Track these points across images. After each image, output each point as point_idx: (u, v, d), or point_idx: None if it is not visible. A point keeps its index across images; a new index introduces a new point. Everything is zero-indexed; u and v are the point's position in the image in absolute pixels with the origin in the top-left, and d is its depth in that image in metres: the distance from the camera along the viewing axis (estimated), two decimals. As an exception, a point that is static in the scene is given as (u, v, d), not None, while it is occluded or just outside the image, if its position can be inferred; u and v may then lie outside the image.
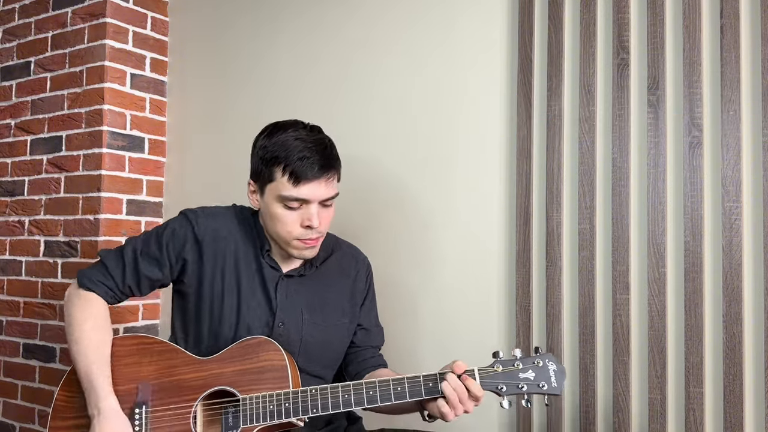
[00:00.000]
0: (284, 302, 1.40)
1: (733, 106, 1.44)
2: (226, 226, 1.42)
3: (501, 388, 1.20)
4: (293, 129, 1.34)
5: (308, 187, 1.29)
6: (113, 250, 1.41)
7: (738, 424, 1.39)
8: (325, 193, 1.32)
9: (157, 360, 1.34)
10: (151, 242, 1.39)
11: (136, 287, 1.40)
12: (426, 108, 1.85)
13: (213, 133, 2.28)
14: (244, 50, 2.23)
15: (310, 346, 1.40)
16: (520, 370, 1.21)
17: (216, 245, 1.39)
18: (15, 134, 2.44)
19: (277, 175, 1.30)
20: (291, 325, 1.39)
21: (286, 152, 1.29)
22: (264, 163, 1.32)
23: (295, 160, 1.28)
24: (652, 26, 1.54)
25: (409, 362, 1.80)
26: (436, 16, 1.85)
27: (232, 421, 1.27)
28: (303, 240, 1.33)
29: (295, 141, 1.31)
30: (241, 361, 1.30)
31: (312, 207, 1.31)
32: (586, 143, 1.60)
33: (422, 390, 1.21)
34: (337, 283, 1.47)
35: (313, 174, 1.29)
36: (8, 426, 2.34)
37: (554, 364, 1.21)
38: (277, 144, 1.31)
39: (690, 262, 1.47)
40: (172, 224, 1.42)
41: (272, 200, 1.32)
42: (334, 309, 1.45)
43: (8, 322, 2.39)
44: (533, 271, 1.66)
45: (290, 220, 1.31)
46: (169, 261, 1.39)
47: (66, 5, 2.34)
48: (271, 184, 1.31)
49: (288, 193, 1.29)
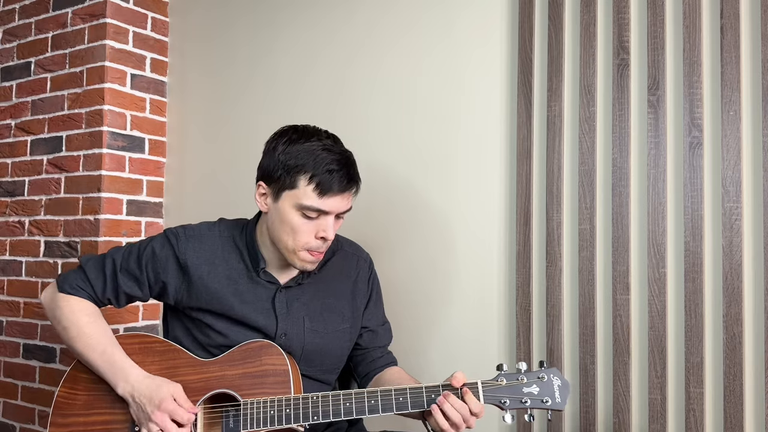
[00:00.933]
0: (285, 314, 1.37)
1: (733, 106, 1.44)
2: (210, 248, 1.38)
3: (504, 402, 1.19)
4: (317, 138, 1.31)
5: (333, 200, 1.27)
6: (94, 259, 1.39)
7: (738, 424, 1.39)
8: (345, 207, 1.31)
9: (159, 360, 1.33)
10: (131, 260, 1.38)
11: (115, 300, 1.40)
12: (426, 108, 1.85)
13: (213, 134, 2.28)
14: (244, 50, 2.23)
15: (312, 353, 1.39)
16: (524, 384, 1.19)
17: (200, 269, 1.36)
18: (15, 134, 2.44)
19: (300, 184, 1.27)
20: (293, 335, 1.37)
21: (314, 162, 1.26)
22: (285, 169, 1.28)
23: (323, 172, 1.26)
24: (652, 26, 1.54)
25: (408, 362, 1.80)
26: (436, 16, 1.85)
27: (233, 424, 1.27)
28: (312, 251, 1.31)
29: (323, 151, 1.28)
30: (242, 365, 1.30)
31: (329, 219, 1.29)
32: (586, 143, 1.61)
33: (424, 401, 1.20)
34: (337, 287, 1.45)
35: (339, 188, 1.27)
36: (8, 426, 2.34)
37: (559, 379, 1.19)
38: (303, 152, 1.28)
39: (690, 263, 1.47)
40: (153, 243, 1.39)
41: (289, 207, 1.29)
42: (335, 315, 1.43)
43: (8, 322, 2.39)
44: (533, 272, 1.66)
45: (305, 229, 1.29)
46: (148, 281, 1.38)
47: (66, 5, 2.34)
48: (292, 191, 1.28)
49: (311, 203, 1.26)
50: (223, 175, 2.24)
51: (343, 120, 1.98)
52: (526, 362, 1.63)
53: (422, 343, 1.81)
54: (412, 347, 1.81)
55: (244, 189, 2.18)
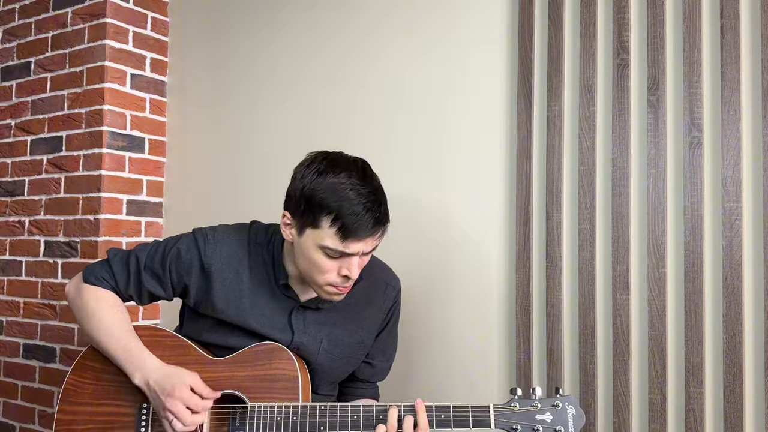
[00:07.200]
0: (301, 330, 1.35)
1: (733, 106, 1.44)
2: (237, 255, 1.34)
3: (516, 428, 1.16)
4: (347, 174, 1.20)
5: (356, 245, 1.20)
6: (120, 253, 1.39)
7: (738, 424, 1.39)
8: (370, 248, 1.24)
9: (169, 355, 1.32)
10: (156, 259, 1.36)
11: (137, 297, 1.39)
12: (426, 108, 1.85)
13: (213, 133, 2.28)
14: (244, 50, 2.23)
15: (321, 371, 1.37)
16: (537, 411, 1.16)
17: (223, 276, 1.33)
18: (15, 134, 2.44)
19: (323, 224, 1.19)
20: (307, 348, 1.35)
21: (338, 202, 1.17)
22: (309, 205, 1.20)
23: (348, 215, 1.17)
24: (652, 26, 1.54)
25: (408, 362, 1.80)
26: (436, 15, 1.85)
27: (240, 426, 1.26)
28: (337, 287, 1.25)
29: (350, 191, 1.18)
30: (252, 367, 1.28)
31: (353, 259, 1.22)
32: (586, 143, 1.60)
33: (436, 419, 1.18)
34: (360, 314, 1.40)
35: (364, 233, 1.19)
36: (8, 426, 2.34)
37: (573, 408, 1.17)
38: (329, 189, 1.19)
39: (690, 262, 1.47)
40: (179, 244, 1.36)
41: (311, 245, 1.22)
42: (354, 342, 1.39)
43: (8, 322, 2.39)
44: (533, 272, 1.66)
45: (328, 268, 1.22)
46: (171, 282, 1.37)
47: (66, 5, 2.34)
48: (315, 231, 1.20)
49: (333, 246, 1.19)
50: (223, 175, 2.24)
51: (342, 119, 1.98)
52: (527, 362, 1.64)
53: (422, 343, 1.81)
54: (412, 347, 1.81)
55: (244, 189, 2.18)
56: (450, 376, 1.75)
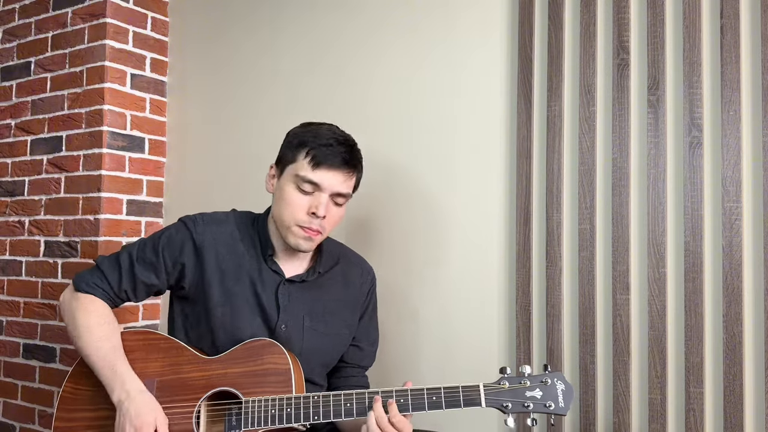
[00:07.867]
0: (287, 306, 1.39)
1: (733, 106, 1.44)
2: (226, 231, 1.42)
3: (506, 405, 1.18)
4: (327, 126, 1.39)
5: (326, 175, 1.31)
6: (109, 256, 1.42)
7: (738, 424, 1.39)
8: (339, 187, 1.33)
9: (163, 357, 1.34)
10: (147, 248, 1.39)
11: (132, 292, 1.40)
12: (426, 108, 1.85)
13: (213, 134, 2.28)
14: (244, 50, 2.23)
15: (310, 354, 1.39)
16: (527, 388, 1.18)
17: (216, 250, 1.39)
18: (15, 134, 2.44)
19: (299, 157, 1.33)
20: (293, 328, 1.39)
21: (314, 138, 1.34)
22: (290, 147, 1.36)
23: (320, 146, 1.32)
24: (652, 26, 1.54)
25: (408, 362, 1.80)
26: (436, 16, 1.85)
27: (235, 422, 1.27)
28: (304, 227, 1.33)
29: (327, 131, 1.36)
30: (245, 363, 1.30)
31: (323, 196, 1.32)
32: (586, 143, 1.60)
33: (426, 404, 1.21)
34: (340, 293, 1.47)
35: (333, 163, 1.31)
36: (8, 426, 2.34)
37: (562, 383, 1.18)
38: (308, 131, 1.36)
39: (690, 262, 1.47)
40: (168, 230, 1.42)
41: (287, 181, 1.34)
42: (336, 318, 1.44)
43: (8, 322, 2.39)
44: (533, 272, 1.66)
45: (298, 203, 1.32)
46: (165, 267, 1.39)
47: (66, 5, 2.34)
48: (292, 165, 1.34)
49: (304, 174, 1.31)
50: (223, 175, 2.24)
51: (342, 120, 1.97)
52: (527, 361, 1.64)
53: (422, 344, 1.81)
54: (412, 347, 1.81)
55: (244, 188, 2.18)
56: (450, 376, 1.75)
